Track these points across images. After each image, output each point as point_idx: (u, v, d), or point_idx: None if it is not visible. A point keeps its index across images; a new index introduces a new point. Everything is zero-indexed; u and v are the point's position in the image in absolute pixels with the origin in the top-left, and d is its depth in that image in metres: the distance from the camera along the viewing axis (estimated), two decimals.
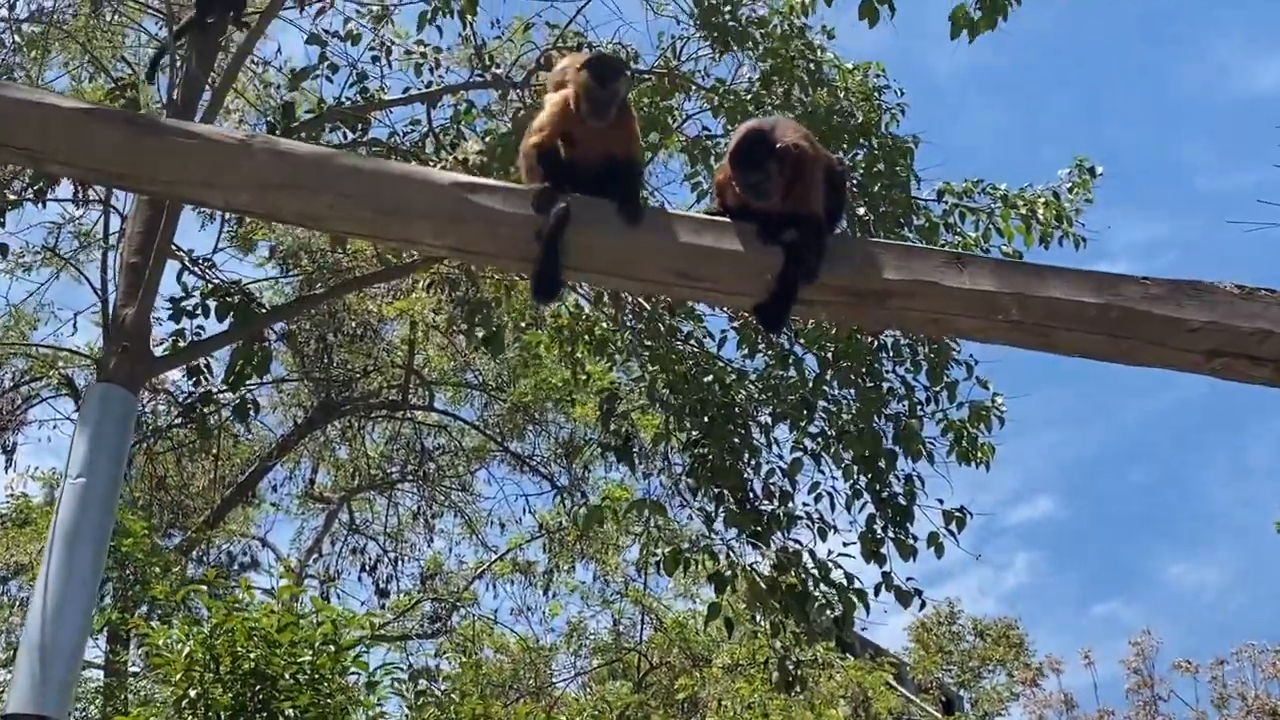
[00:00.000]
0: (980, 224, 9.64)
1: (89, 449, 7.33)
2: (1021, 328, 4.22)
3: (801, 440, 9.27)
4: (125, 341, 7.65)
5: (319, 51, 9.68)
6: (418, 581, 20.86)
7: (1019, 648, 28.55)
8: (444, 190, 4.23)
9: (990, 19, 8.54)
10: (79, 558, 7.13)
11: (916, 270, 4.22)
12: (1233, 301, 4.19)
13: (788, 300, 4.20)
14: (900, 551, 9.01)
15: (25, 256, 16.89)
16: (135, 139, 4.23)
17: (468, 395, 19.28)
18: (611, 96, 4.41)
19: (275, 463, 18.79)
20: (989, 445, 9.62)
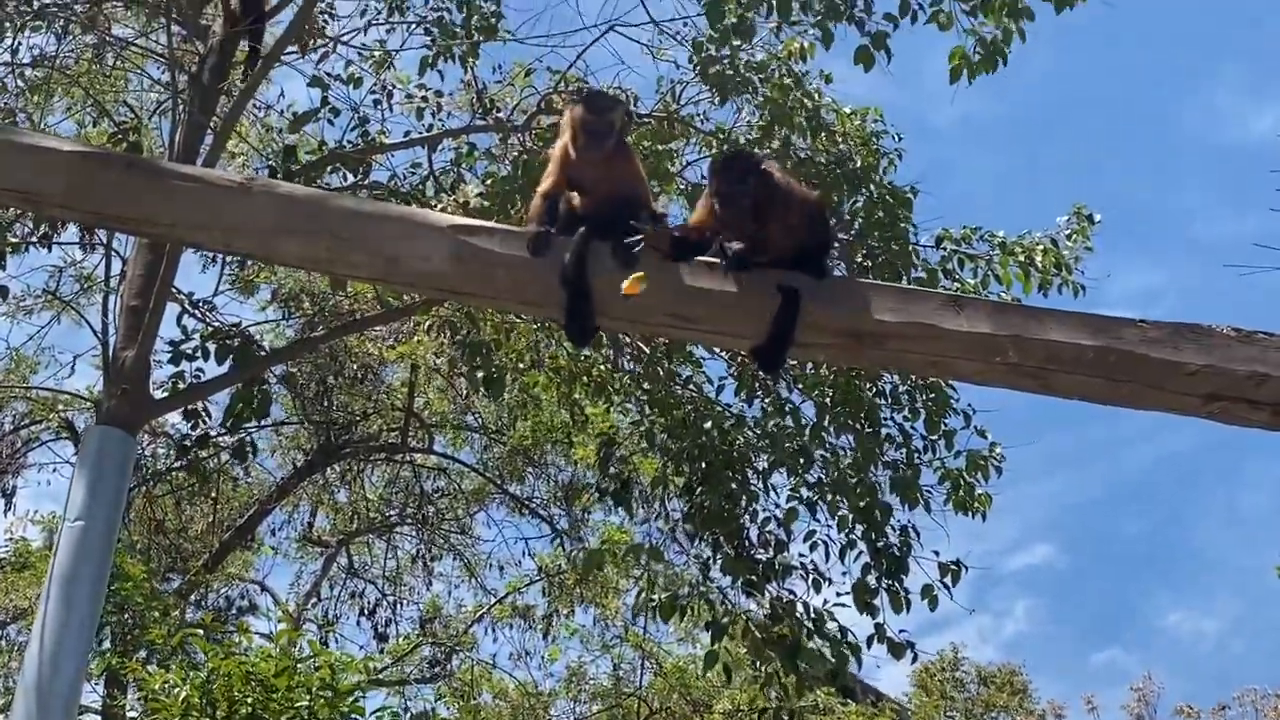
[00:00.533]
0: (979, 271, 9.65)
1: (87, 492, 7.33)
2: (1019, 370, 4.23)
3: (798, 489, 9.26)
4: (124, 384, 7.66)
5: (321, 95, 9.73)
6: (416, 625, 20.78)
7: (1023, 694, 28.38)
8: (442, 233, 4.25)
9: (989, 62, 8.58)
10: (76, 601, 7.11)
11: (914, 312, 4.23)
12: (1230, 345, 4.19)
13: (784, 342, 4.20)
14: (893, 604, 8.99)
15: (26, 300, 16.93)
16: (135, 182, 4.26)
17: (467, 437, 19.25)
18: (606, 127, 4.42)
19: (274, 506, 18.75)
20: (986, 495, 9.60)
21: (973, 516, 9.56)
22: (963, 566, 9.25)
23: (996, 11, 8.57)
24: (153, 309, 7.77)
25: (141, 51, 10.40)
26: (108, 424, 7.61)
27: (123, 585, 13.49)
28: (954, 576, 9.24)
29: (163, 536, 18.32)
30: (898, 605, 9.03)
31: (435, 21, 9.94)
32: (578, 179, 4.47)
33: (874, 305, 4.24)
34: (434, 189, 9.94)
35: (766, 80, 9.53)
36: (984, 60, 8.61)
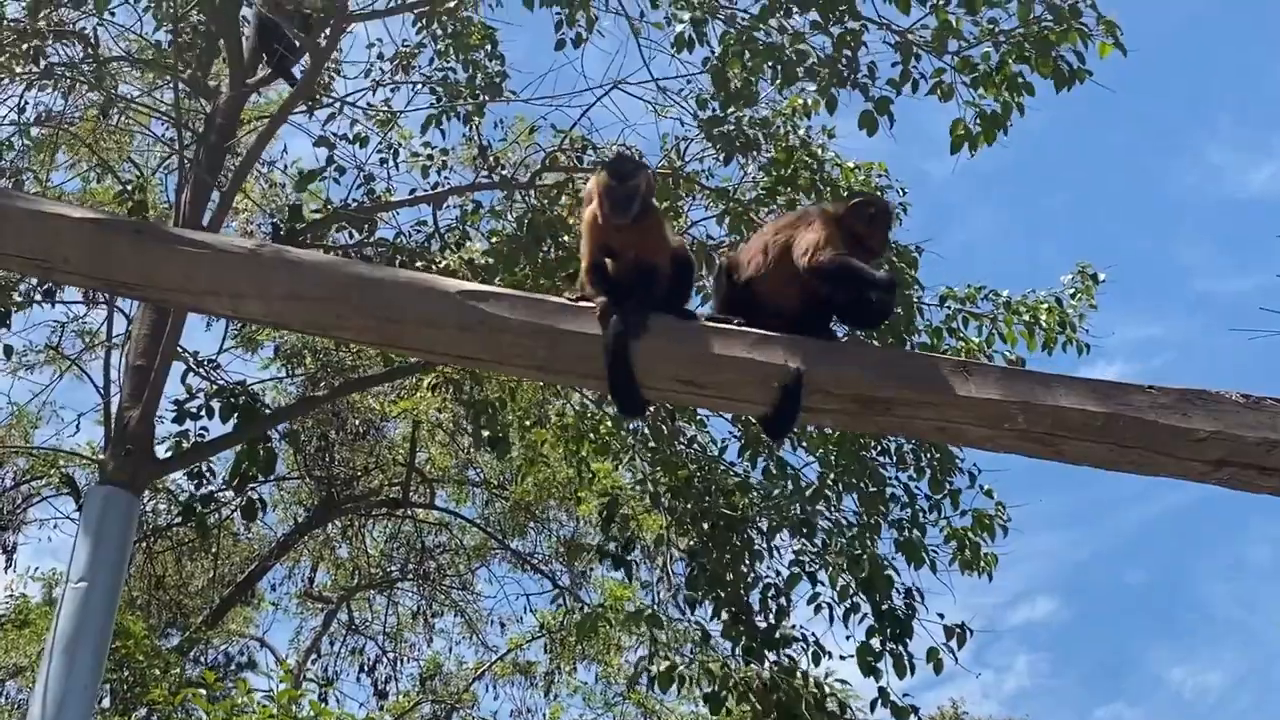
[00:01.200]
0: (983, 330, 9.66)
1: (90, 553, 7.31)
2: (1028, 436, 4.22)
3: (801, 555, 9.22)
4: (128, 445, 7.65)
5: (326, 154, 9.79)
6: (417, 682, 20.65)
7: None
8: (450, 298, 4.25)
9: (990, 134, 8.63)
10: (78, 664, 7.08)
11: (923, 378, 4.22)
12: (1239, 411, 4.18)
13: (793, 411, 4.20)
14: (897, 668, 8.92)
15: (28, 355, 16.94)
16: (144, 248, 4.26)
17: (469, 492, 19.19)
18: (630, 192, 4.41)
19: (275, 562, 18.69)
20: (992, 555, 9.55)
21: (979, 576, 9.50)
22: (968, 630, 9.18)
23: (997, 85, 8.63)
24: (157, 369, 7.77)
25: (147, 111, 10.46)
26: (111, 484, 7.59)
27: (123, 643, 13.43)
28: (959, 640, 9.18)
29: (163, 592, 18.26)
30: (901, 669, 8.96)
31: (440, 81, 10.01)
32: (608, 245, 4.48)
33: (882, 370, 4.24)
34: (439, 246, 9.97)
35: (771, 136, 9.58)
36: (984, 132, 8.66)
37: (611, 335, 4.18)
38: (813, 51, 9.12)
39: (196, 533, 9.73)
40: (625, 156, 4.77)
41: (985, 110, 8.71)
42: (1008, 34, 8.85)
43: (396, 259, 9.65)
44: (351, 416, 17.04)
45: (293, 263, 4.27)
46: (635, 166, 4.56)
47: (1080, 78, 8.70)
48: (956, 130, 8.70)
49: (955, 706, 28.70)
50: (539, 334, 4.24)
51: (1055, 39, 8.62)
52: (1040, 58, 8.64)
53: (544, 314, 4.29)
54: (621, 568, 9.62)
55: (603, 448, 10.26)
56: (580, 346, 4.25)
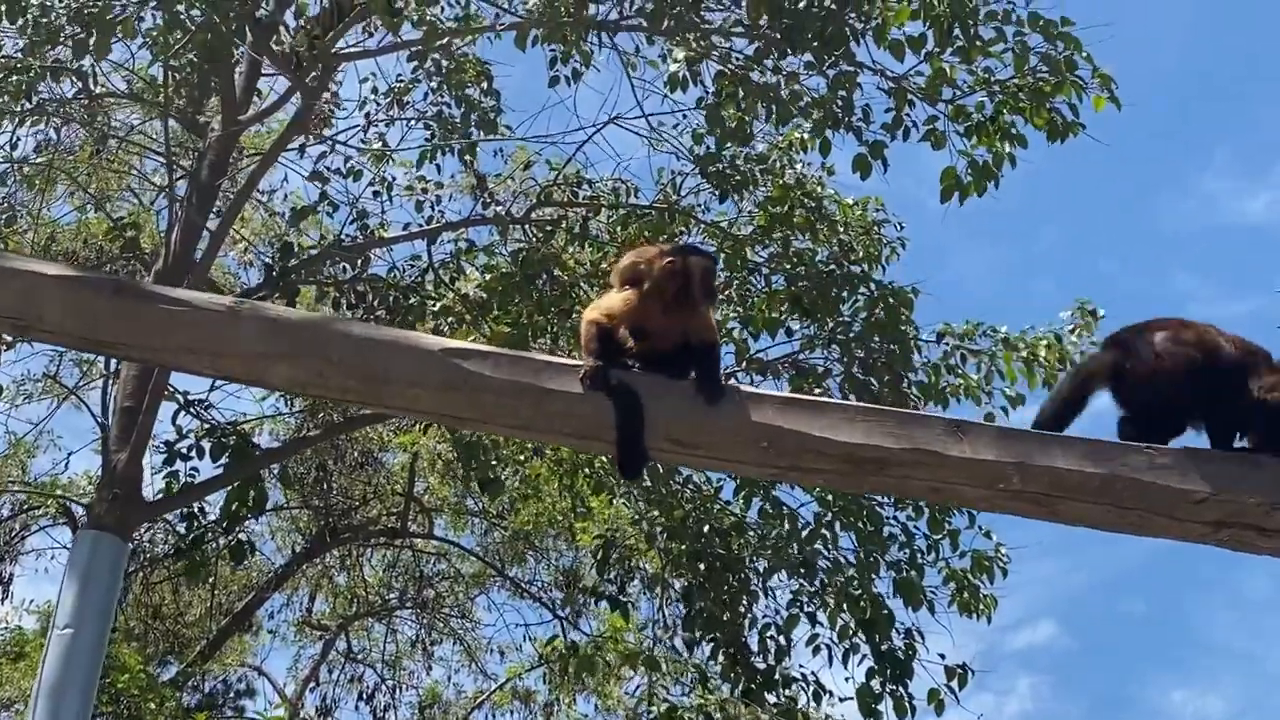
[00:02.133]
0: (981, 367, 9.57)
1: (77, 599, 7.23)
2: (1023, 497, 4.13)
3: (799, 596, 9.14)
4: (116, 488, 7.55)
5: (320, 190, 9.72)
6: (416, 711, 20.52)
7: None
8: (433, 357, 4.17)
9: (980, 185, 8.58)
10: (65, 711, 7.00)
11: (916, 439, 4.14)
12: (1239, 472, 4.10)
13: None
14: (897, 709, 8.83)
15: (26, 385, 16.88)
16: (123, 307, 4.19)
17: (468, 521, 19.08)
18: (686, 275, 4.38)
19: (274, 590, 18.58)
20: (991, 597, 9.45)
21: (977, 619, 9.41)
22: (969, 670, 9.09)
23: (990, 135, 8.58)
24: (145, 410, 7.68)
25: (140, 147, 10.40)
26: (99, 528, 7.50)
27: (117, 677, 13.34)
28: (960, 680, 9.09)
29: (160, 622, 18.16)
30: (901, 710, 8.87)
31: (435, 116, 9.95)
32: (649, 329, 4.40)
33: (874, 431, 4.15)
34: (434, 281, 9.90)
35: (767, 172, 9.52)
36: (975, 182, 8.60)
37: (625, 400, 4.13)
38: (807, 92, 9.08)
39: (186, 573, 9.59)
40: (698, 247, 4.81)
41: (977, 161, 8.65)
42: (1002, 84, 8.82)
43: (390, 294, 9.58)
44: (350, 447, 16.96)
45: (272, 320, 4.20)
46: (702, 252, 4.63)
47: (1074, 130, 8.69)
48: (948, 179, 8.63)
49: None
50: (522, 393, 4.16)
51: (1050, 91, 8.59)
52: (1034, 108, 8.61)
53: (527, 373, 4.21)
54: (618, 609, 9.53)
55: (598, 484, 10.18)
56: (564, 405, 4.17)
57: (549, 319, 8.89)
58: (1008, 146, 8.63)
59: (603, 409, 4.17)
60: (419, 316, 9.24)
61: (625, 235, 10.06)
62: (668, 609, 9.84)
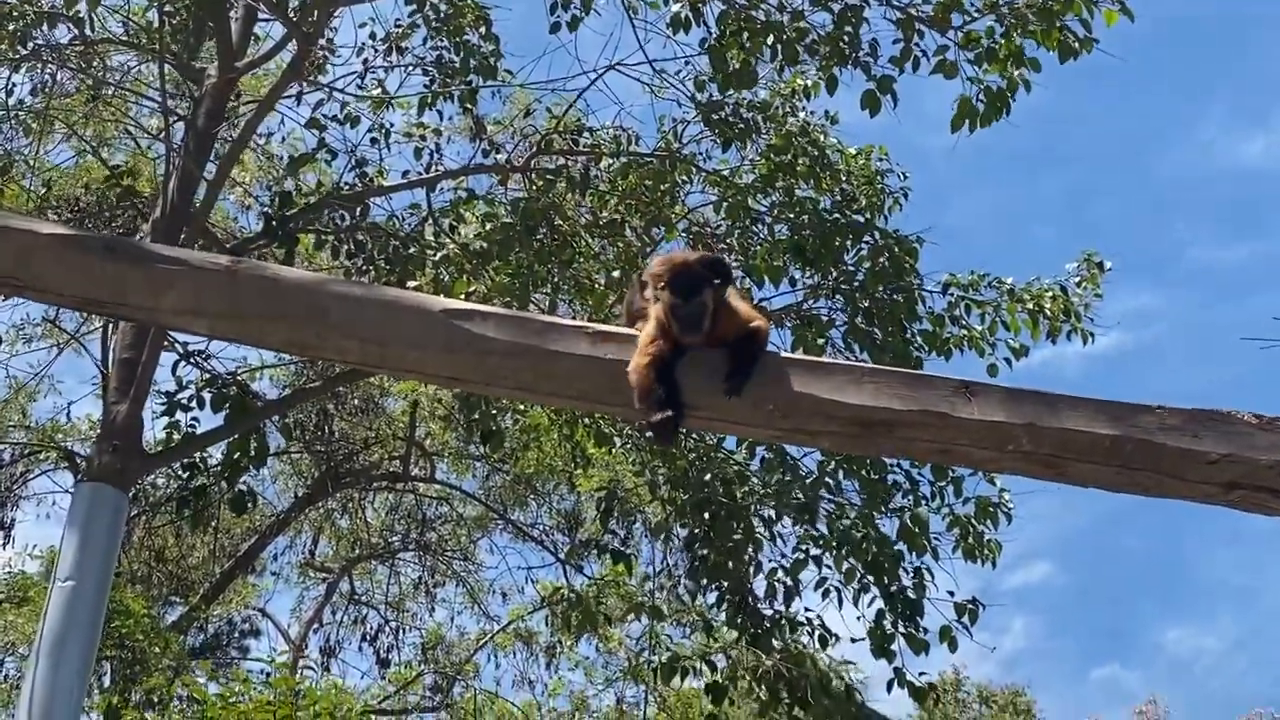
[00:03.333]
0: (986, 317, 9.49)
1: (77, 551, 7.19)
2: (1032, 458, 4.06)
3: (805, 541, 9.10)
4: (116, 440, 7.50)
5: (318, 137, 9.60)
6: (419, 652, 20.65)
7: (1026, 714, 28.21)
8: (435, 318, 4.09)
9: (994, 111, 8.44)
10: (67, 663, 6.98)
11: (923, 400, 4.06)
12: (1251, 433, 4.02)
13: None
14: (912, 647, 8.81)
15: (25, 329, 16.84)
16: (117, 266, 4.10)
17: (470, 465, 19.10)
18: (699, 309, 4.12)
19: (276, 534, 18.62)
20: (996, 542, 9.42)
21: (982, 564, 9.39)
22: (980, 605, 9.08)
23: (1001, 61, 8.43)
24: (145, 361, 7.62)
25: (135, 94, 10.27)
26: (99, 480, 7.45)
27: (122, 621, 13.37)
28: (971, 616, 9.08)
29: (162, 566, 18.22)
30: (917, 648, 8.87)
31: (434, 62, 9.81)
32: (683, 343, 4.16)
33: (882, 392, 4.08)
34: (433, 230, 9.81)
35: (770, 120, 9.40)
36: (989, 110, 8.47)
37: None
38: (813, 29, 8.94)
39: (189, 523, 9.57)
40: (691, 268, 4.32)
41: (991, 87, 8.50)
42: (1012, 5, 8.66)
43: (390, 243, 9.48)
44: (350, 392, 16.93)
45: (270, 280, 4.12)
46: (699, 276, 4.20)
47: (1087, 47, 8.52)
48: (961, 107, 8.49)
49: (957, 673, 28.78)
50: (525, 354, 4.08)
51: (1059, 8, 8.44)
52: (1045, 29, 8.45)
53: (530, 334, 4.12)
54: (620, 561, 9.51)
55: (598, 435, 10.13)
56: (569, 367, 4.10)
57: (549, 269, 8.80)
58: (1019, 71, 8.48)
59: (610, 371, 4.10)
60: (419, 266, 9.15)
61: (626, 184, 9.98)
62: (671, 559, 9.82)
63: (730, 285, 4.27)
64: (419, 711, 20.38)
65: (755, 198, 9.24)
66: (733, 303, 4.28)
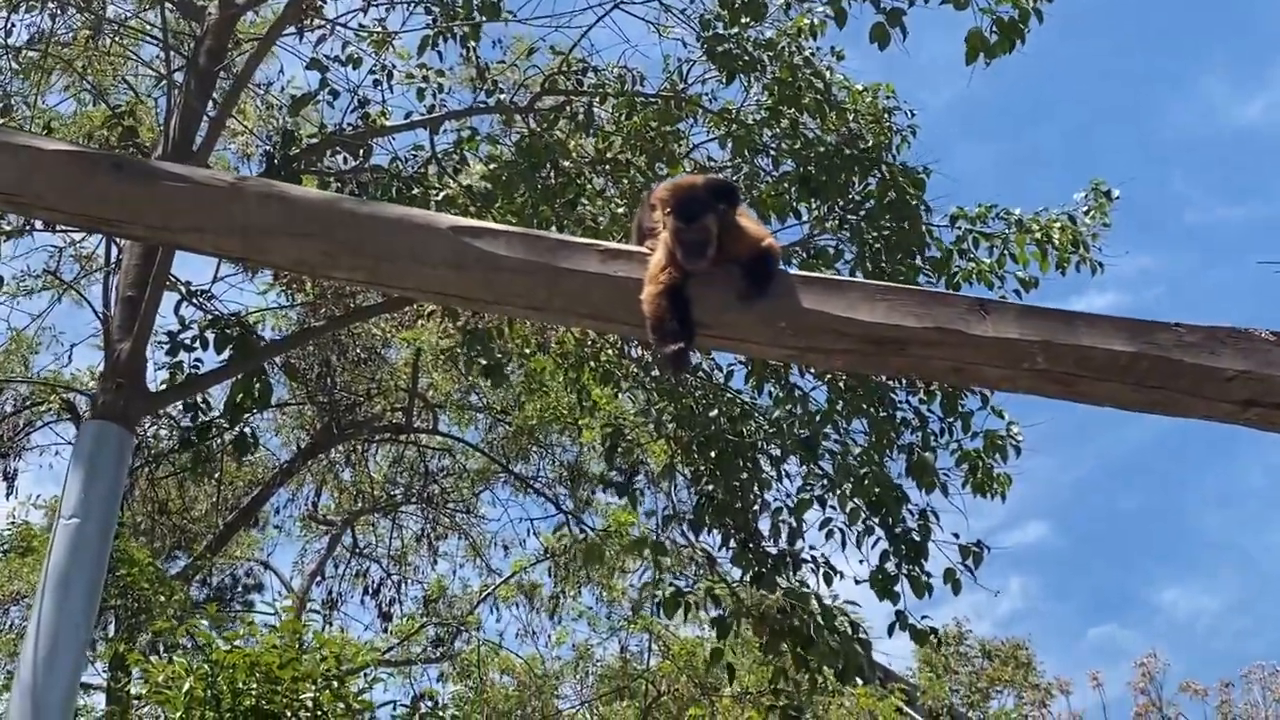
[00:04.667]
0: (994, 250, 9.43)
1: (82, 489, 7.16)
2: (1048, 376, 4.01)
3: (809, 480, 9.07)
4: (120, 378, 7.47)
5: (320, 77, 9.52)
6: (421, 605, 20.70)
7: (1027, 668, 28.28)
8: (443, 235, 4.04)
9: (1007, 43, 8.35)
10: (71, 601, 6.96)
11: (938, 317, 4.01)
12: (1270, 349, 3.97)
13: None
14: (915, 590, 8.80)
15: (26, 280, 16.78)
16: (122, 183, 4.05)
17: (472, 417, 19.08)
18: (703, 234, 4.04)
19: (280, 485, 18.61)
20: (1006, 476, 9.39)
21: (991, 498, 9.35)
22: (985, 548, 9.07)
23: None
24: (148, 300, 7.58)
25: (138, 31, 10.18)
26: (103, 418, 7.42)
27: (127, 570, 13.38)
28: (975, 559, 9.07)
29: (167, 518, 18.23)
30: (919, 590, 8.85)
31: (436, 0, 9.72)
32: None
33: (896, 310, 4.03)
34: (437, 171, 9.74)
35: (776, 58, 9.31)
36: (1001, 40, 8.38)
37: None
38: None
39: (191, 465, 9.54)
40: (694, 191, 4.21)
41: (1003, 18, 8.41)
42: None
43: (394, 185, 9.42)
44: (352, 343, 16.89)
45: (278, 197, 4.07)
46: (704, 200, 4.11)
47: None
48: (973, 41, 8.39)
49: (960, 626, 28.86)
50: (536, 272, 4.03)
51: None
52: None
53: (541, 251, 4.08)
54: (625, 496, 9.49)
55: (605, 375, 10.09)
56: (579, 285, 4.05)
57: (554, 208, 8.74)
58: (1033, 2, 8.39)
59: (620, 288, 4.06)
60: (423, 208, 9.08)
61: (630, 125, 9.91)
62: (676, 496, 9.79)
63: (736, 207, 4.19)
64: (421, 663, 20.45)
65: (759, 133, 9.15)
66: (742, 223, 4.21)
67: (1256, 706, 21.59)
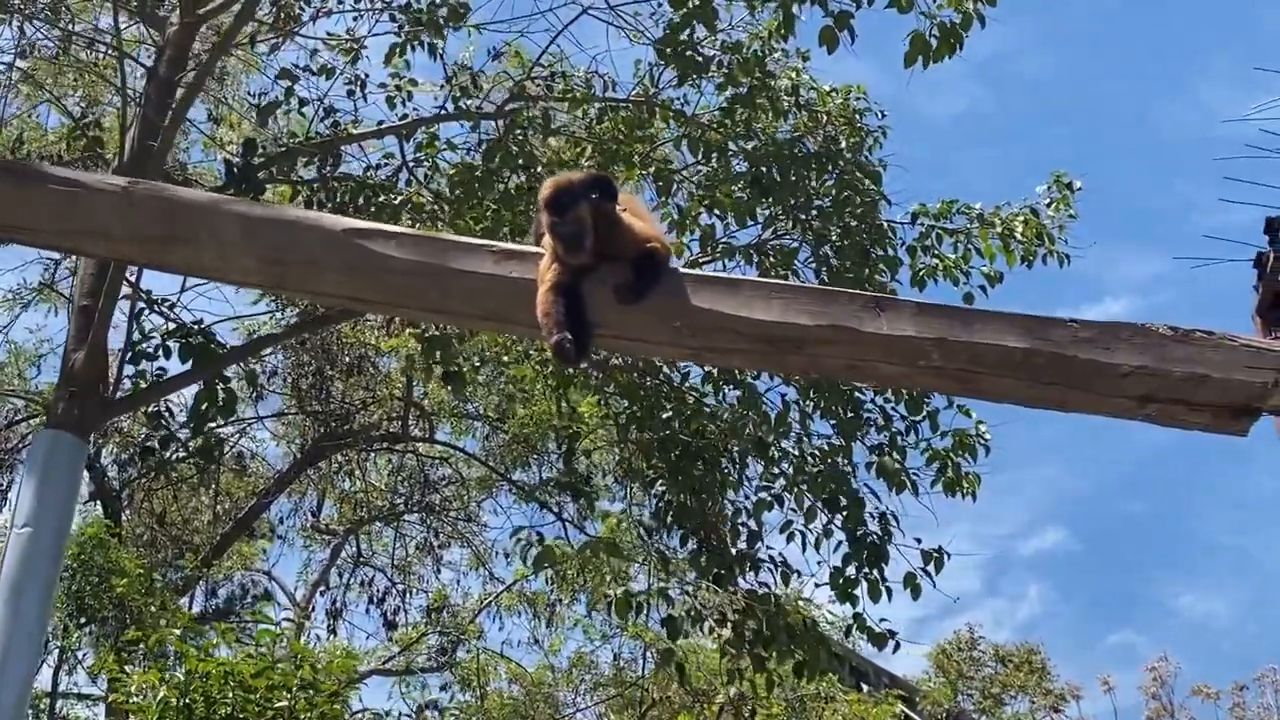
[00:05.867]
0: (958, 246, 9.36)
1: (35, 498, 7.16)
2: (943, 374, 3.98)
3: (768, 480, 9.01)
4: (73, 387, 7.47)
5: (285, 87, 9.52)
6: (425, 614, 20.71)
7: (1041, 672, 28.14)
8: (335, 237, 4.03)
9: (948, 45, 8.32)
10: (25, 609, 6.96)
11: (833, 315, 3.98)
12: (1165, 344, 3.92)
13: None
14: (871, 593, 8.74)
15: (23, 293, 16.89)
16: (16, 188, 4.06)
17: (469, 425, 19.08)
18: (577, 225, 4.01)
19: (275, 496, 18.64)
20: (975, 475, 9.31)
21: (962, 498, 9.27)
22: (944, 554, 9.00)
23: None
24: (102, 309, 7.57)
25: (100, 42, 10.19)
26: (57, 428, 7.42)
27: (117, 581, 13.42)
28: (936, 564, 9.00)
29: (163, 529, 18.28)
30: (875, 594, 8.80)
31: (403, 8, 9.70)
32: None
33: (791, 308, 4.00)
34: (406, 179, 9.74)
35: (734, 58, 9.25)
36: (941, 45, 8.34)
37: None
38: None
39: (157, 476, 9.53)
40: (560, 184, 4.17)
41: (944, 22, 8.38)
42: None
43: (364, 192, 9.41)
44: (342, 353, 16.91)
45: (167, 200, 4.07)
46: (572, 192, 4.09)
47: None
48: (915, 44, 8.36)
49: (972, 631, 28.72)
50: (428, 274, 4.03)
51: None
52: None
53: (434, 253, 4.07)
54: (581, 498, 9.45)
55: (586, 383, 10.04)
56: (473, 285, 4.04)
57: (516, 213, 8.71)
58: (975, 4, 8.35)
59: (516, 289, 4.04)
60: (395, 216, 9.07)
61: (600, 129, 9.90)
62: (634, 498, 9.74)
63: (613, 199, 4.17)
64: (423, 672, 20.47)
65: (713, 132, 9.10)
66: (627, 220, 4.20)
67: (1269, 710, 21.49)
